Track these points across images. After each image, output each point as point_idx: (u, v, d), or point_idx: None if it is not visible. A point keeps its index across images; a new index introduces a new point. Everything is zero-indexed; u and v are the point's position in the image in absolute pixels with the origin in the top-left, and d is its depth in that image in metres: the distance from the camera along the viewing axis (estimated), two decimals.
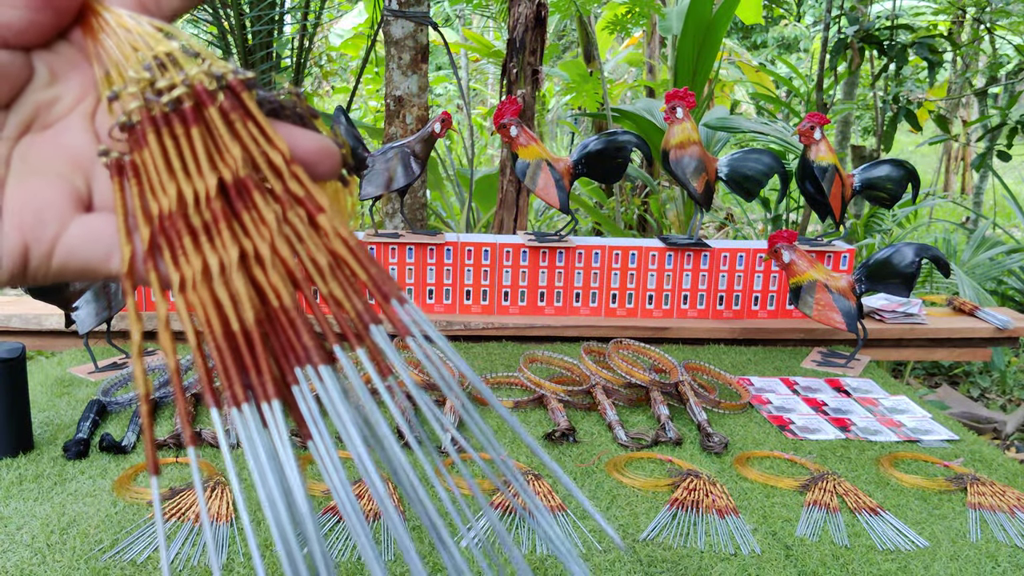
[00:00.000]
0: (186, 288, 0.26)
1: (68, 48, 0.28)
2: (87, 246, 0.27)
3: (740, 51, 6.06)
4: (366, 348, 0.26)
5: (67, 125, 0.28)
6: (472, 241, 1.78)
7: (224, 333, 0.25)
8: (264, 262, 0.26)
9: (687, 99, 1.75)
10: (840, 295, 1.57)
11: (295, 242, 0.26)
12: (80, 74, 0.28)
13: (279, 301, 0.26)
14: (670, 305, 1.83)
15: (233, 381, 0.25)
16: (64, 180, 0.27)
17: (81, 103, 0.28)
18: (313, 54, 4.26)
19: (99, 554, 0.92)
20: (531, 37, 2.47)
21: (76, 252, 0.27)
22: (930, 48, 3.09)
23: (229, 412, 0.25)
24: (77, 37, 0.29)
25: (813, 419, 1.37)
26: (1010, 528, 1.04)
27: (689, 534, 1.00)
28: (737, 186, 1.78)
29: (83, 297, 1.40)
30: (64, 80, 0.28)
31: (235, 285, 0.25)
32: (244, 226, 0.26)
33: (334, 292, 0.26)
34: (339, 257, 0.27)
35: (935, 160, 6.02)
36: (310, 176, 0.27)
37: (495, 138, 5.48)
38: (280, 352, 0.26)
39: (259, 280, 0.26)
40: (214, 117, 0.27)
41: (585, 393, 1.41)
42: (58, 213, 0.27)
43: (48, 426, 1.25)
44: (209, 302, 0.25)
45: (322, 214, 0.26)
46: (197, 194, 0.26)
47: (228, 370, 0.25)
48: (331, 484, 0.25)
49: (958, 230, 3.88)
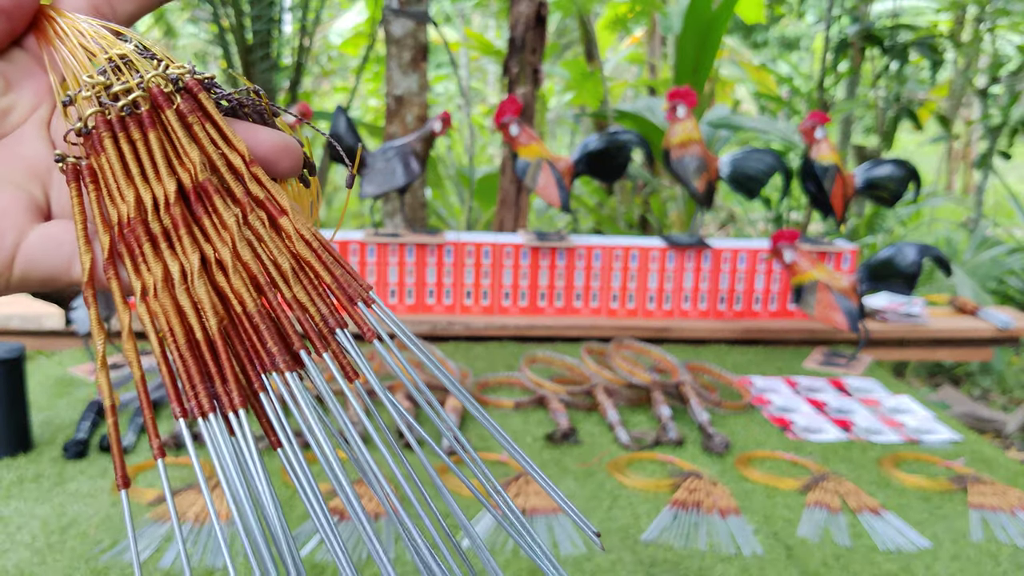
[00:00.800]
0: (148, 295, 0.25)
1: (22, 55, 0.28)
2: (48, 255, 0.26)
3: (741, 50, 6.06)
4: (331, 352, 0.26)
5: (22, 134, 0.28)
6: (472, 241, 1.77)
7: (187, 341, 0.25)
8: (226, 267, 0.25)
9: (689, 98, 1.75)
10: (842, 295, 1.57)
11: (256, 245, 0.26)
12: (35, 81, 0.28)
13: (242, 307, 0.25)
14: (671, 305, 1.82)
15: (198, 391, 0.25)
16: (20, 189, 0.27)
17: (36, 111, 0.28)
18: (313, 53, 4.26)
19: (99, 554, 0.92)
20: (532, 36, 2.47)
21: (37, 261, 0.26)
22: (931, 47, 3.09)
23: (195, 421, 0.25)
24: (31, 44, 0.28)
25: (815, 419, 1.37)
26: (1011, 528, 1.03)
27: (690, 535, 1.00)
28: (739, 185, 1.78)
29: (82, 297, 1.40)
30: (18, 88, 0.28)
31: (197, 292, 0.25)
32: (205, 231, 0.26)
33: (298, 296, 0.26)
34: (302, 260, 0.26)
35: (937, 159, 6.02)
36: (271, 174, 0.27)
37: (495, 137, 5.48)
38: (245, 358, 0.25)
39: (221, 286, 0.25)
40: (171, 120, 0.26)
41: (586, 393, 1.41)
42: (14, 222, 0.26)
43: (47, 426, 1.25)
44: (171, 309, 0.25)
45: (284, 216, 0.26)
46: (156, 200, 0.26)
47: (192, 379, 0.25)
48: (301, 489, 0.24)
49: (960, 230, 3.87)
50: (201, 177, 0.26)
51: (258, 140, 0.27)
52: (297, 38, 3.16)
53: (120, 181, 0.26)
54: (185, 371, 0.25)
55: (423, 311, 1.78)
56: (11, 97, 0.28)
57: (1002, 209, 5.25)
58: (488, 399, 1.39)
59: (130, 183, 0.26)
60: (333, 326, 0.26)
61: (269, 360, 0.25)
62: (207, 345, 0.25)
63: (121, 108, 0.26)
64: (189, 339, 0.25)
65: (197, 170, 0.26)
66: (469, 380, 1.46)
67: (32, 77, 0.28)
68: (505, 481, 1.08)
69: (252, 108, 0.28)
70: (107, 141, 0.26)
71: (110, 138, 0.26)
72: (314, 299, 0.26)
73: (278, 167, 0.27)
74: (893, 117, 3.32)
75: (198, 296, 0.25)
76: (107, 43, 0.27)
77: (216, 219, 0.26)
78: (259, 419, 0.25)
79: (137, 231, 0.25)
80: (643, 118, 3.10)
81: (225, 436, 0.24)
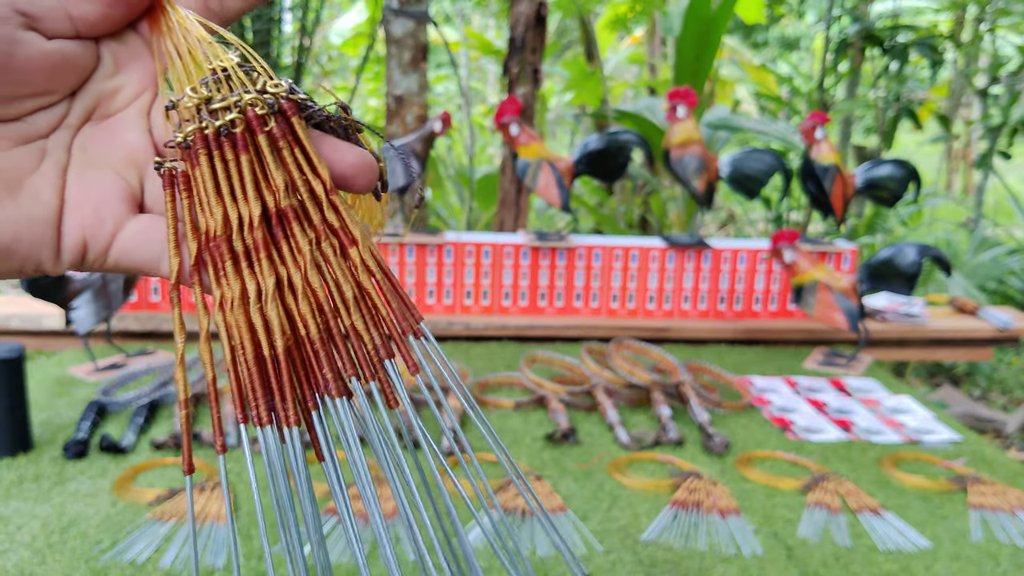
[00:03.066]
0: (224, 308, 0.27)
1: (134, 38, 0.29)
2: (140, 249, 0.28)
3: (741, 50, 6.06)
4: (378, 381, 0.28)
5: (125, 119, 0.29)
6: (472, 240, 1.77)
7: (255, 356, 0.27)
8: (296, 291, 0.27)
9: (689, 98, 1.75)
10: (842, 295, 1.57)
11: (325, 271, 0.28)
12: (142, 67, 0.29)
13: (306, 330, 0.27)
14: (671, 305, 1.82)
15: (260, 404, 0.27)
16: (119, 177, 0.28)
17: (140, 97, 0.29)
18: (313, 53, 4.26)
19: (99, 554, 0.92)
20: (532, 36, 2.47)
21: (130, 253, 0.28)
22: (931, 47, 3.09)
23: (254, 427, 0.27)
24: (143, 28, 0.29)
25: (815, 419, 1.37)
26: (1011, 528, 1.03)
27: (690, 535, 1.00)
28: (739, 185, 1.78)
29: (82, 297, 1.40)
30: (126, 70, 0.29)
31: (269, 313, 0.27)
32: (281, 254, 0.28)
33: (356, 324, 0.28)
34: (364, 290, 0.28)
35: (937, 159, 6.02)
36: (348, 190, 0.29)
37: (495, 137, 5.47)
38: (303, 378, 0.28)
39: (290, 308, 0.27)
40: (263, 144, 0.27)
41: (586, 393, 1.41)
42: (115, 211, 0.28)
43: (47, 426, 1.25)
44: (244, 326, 0.27)
45: (354, 247, 0.28)
46: (241, 220, 0.27)
47: (256, 392, 0.27)
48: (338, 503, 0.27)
49: (960, 230, 3.87)
50: (284, 203, 0.27)
51: (340, 158, 0.28)
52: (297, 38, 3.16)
53: (210, 196, 0.27)
54: (250, 383, 0.27)
55: (423, 311, 1.77)
56: (119, 79, 0.29)
57: (1002, 209, 5.24)
58: (488, 399, 1.39)
59: (219, 200, 0.27)
60: (383, 357, 0.28)
61: (323, 384, 0.27)
62: (272, 362, 0.27)
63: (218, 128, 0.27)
64: (257, 354, 0.27)
65: (280, 196, 0.27)
66: (469, 380, 1.46)
67: (140, 62, 0.29)
68: (506, 481, 1.08)
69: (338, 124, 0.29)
70: (202, 157, 0.27)
71: (205, 155, 0.27)
72: (369, 328, 0.28)
73: (355, 184, 0.29)
74: (893, 117, 3.32)
75: (269, 316, 0.27)
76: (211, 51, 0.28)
77: (293, 243, 0.28)
78: (309, 432, 0.28)
79: (221, 248, 0.27)
80: (643, 118, 3.10)
81: (277, 444, 0.27)
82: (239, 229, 0.27)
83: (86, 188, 0.28)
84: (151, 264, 0.28)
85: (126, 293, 1.46)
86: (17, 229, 0.26)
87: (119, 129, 0.29)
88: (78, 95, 0.28)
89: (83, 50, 0.27)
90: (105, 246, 0.28)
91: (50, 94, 0.27)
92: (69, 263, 0.28)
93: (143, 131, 0.29)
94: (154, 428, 1.26)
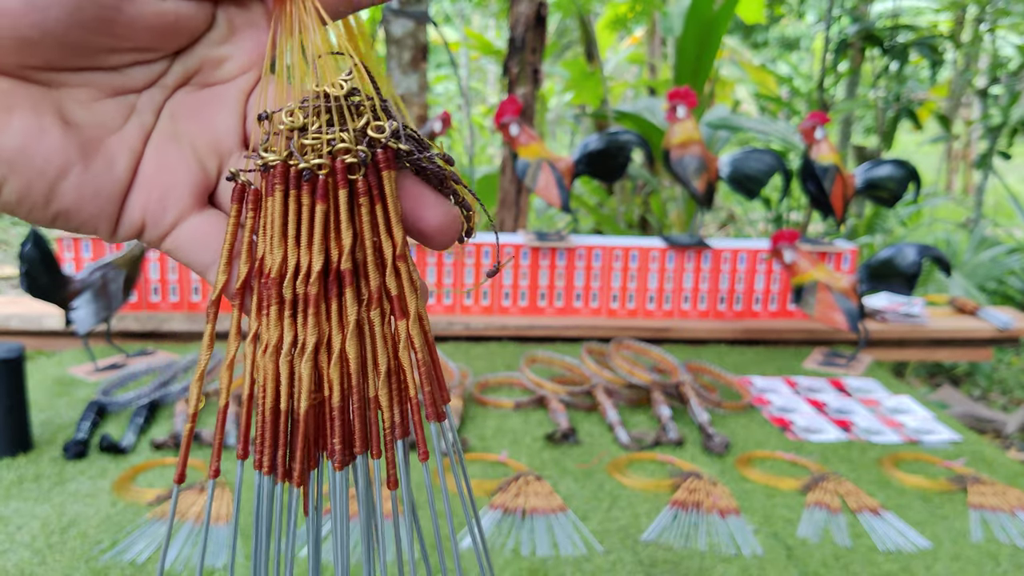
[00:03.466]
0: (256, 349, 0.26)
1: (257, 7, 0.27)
2: (194, 250, 0.27)
3: (741, 50, 6.06)
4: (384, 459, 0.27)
5: (222, 95, 0.27)
6: (472, 240, 1.77)
7: (272, 408, 0.26)
8: (332, 354, 0.26)
9: (689, 98, 1.75)
10: (842, 295, 1.57)
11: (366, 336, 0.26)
12: (255, 39, 0.27)
13: (329, 393, 0.26)
14: (671, 305, 1.82)
15: (265, 453, 0.26)
16: (197, 162, 0.27)
17: (244, 75, 0.27)
18: None
19: (99, 554, 0.92)
20: (532, 36, 2.47)
21: (182, 249, 0.27)
22: (931, 47, 3.09)
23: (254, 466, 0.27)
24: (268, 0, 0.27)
25: (815, 419, 1.37)
26: (1011, 528, 1.03)
27: (690, 535, 1.00)
28: (739, 185, 1.77)
29: (82, 297, 1.40)
30: (238, 40, 0.27)
31: (302, 370, 0.26)
32: (329, 312, 0.26)
33: (380, 398, 0.27)
34: (400, 364, 0.27)
35: (937, 159, 6.02)
36: (424, 244, 0.27)
37: (495, 137, 5.47)
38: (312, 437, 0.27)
39: (321, 368, 0.26)
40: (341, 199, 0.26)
41: (586, 393, 1.41)
42: (181, 202, 0.27)
43: (47, 426, 1.25)
44: (271, 375, 0.26)
45: (404, 321, 0.26)
46: (299, 268, 0.26)
47: (265, 441, 0.26)
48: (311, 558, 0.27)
49: (959, 230, 3.87)
50: (344, 266, 0.26)
51: (426, 215, 0.27)
52: None
53: (275, 233, 0.26)
54: (261, 431, 0.26)
55: None
56: (228, 49, 0.27)
57: (1002, 209, 5.24)
58: (488, 399, 1.39)
59: (282, 241, 0.26)
60: (396, 436, 0.27)
61: (329, 450, 0.26)
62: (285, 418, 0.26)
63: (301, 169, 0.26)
64: (275, 406, 0.26)
65: (344, 258, 0.26)
66: (469, 380, 1.46)
67: (255, 33, 0.27)
68: (505, 481, 1.08)
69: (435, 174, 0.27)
70: (277, 192, 0.26)
71: (281, 191, 0.26)
72: (392, 405, 0.27)
73: (433, 243, 0.27)
74: (893, 117, 3.32)
75: (301, 374, 0.26)
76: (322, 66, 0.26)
77: (341, 305, 0.26)
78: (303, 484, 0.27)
79: (271, 291, 0.26)
80: (643, 118, 3.10)
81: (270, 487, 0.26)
82: (293, 277, 0.26)
83: (161, 167, 0.26)
84: (200, 268, 0.27)
85: (126, 293, 1.46)
86: (81, 198, 0.25)
87: (214, 105, 0.27)
88: (181, 56, 0.26)
89: (198, 11, 0.25)
90: (162, 234, 0.27)
91: (153, 51, 0.25)
92: (123, 238, 0.27)
93: (237, 115, 0.27)
94: (154, 428, 1.26)
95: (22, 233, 4.25)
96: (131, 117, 0.26)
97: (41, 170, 0.24)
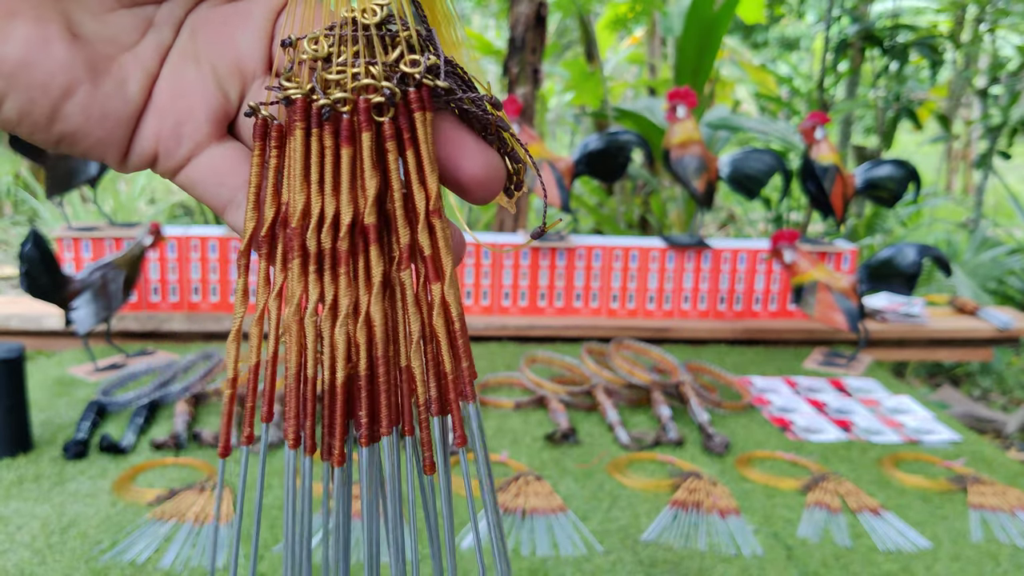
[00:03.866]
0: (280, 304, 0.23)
1: None
2: (211, 186, 0.24)
3: (741, 50, 6.06)
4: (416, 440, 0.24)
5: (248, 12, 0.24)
6: (472, 241, 1.77)
7: (296, 374, 0.23)
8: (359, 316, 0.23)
9: (689, 98, 1.75)
10: (842, 295, 1.57)
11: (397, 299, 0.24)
12: None
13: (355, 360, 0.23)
14: (671, 305, 1.82)
15: (290, 423, 0.23)
16: (217, 86, 0.24)
17: None
18: None
19: (99, 554, 0.92)
20: (532, 36, 2.47)
21: (197, 184, 0.25)
22: (931, 47, 3.09)
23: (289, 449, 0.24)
24: None
25: (815, 419, 1.37)
26: (1011, 528, 1.03)
27: (690, 535, 1.00)
28: (739, 185, 1.77)
29: (82, 297, 1.40)
30: None
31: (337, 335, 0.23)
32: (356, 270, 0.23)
33: (412, 369, 0.24)
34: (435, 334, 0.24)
35: (937, 159, 6.02)
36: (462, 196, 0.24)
37: None
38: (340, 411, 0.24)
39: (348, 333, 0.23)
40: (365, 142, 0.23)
41: (586, 394, 1.41)
42: (197, 131, 0.24)
43: (47, 426, 1.25)
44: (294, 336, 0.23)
45: (438, 283, 0.23)
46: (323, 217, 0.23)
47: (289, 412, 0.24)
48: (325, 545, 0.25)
49: (960, 230, 3.87)
50: (369, 220, 0.23)
51: (465, 163, 0.23)
52: None
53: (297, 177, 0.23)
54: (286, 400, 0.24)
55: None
56: None
57: (1002, 209, 5.24)
58: (488, 399, 1.39)
59: (304, 187, 0.23)
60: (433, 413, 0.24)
61: (356, 427, 0.24)
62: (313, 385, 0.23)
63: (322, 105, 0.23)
64: (299, 373, 0.23)
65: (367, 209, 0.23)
66: None
67: None
68: (505, 481, 1.08)
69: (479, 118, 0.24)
70: (298, 131, 0.23)
71: (303, 130, 0.23)
72: (426, 379, 0.24)
73: (473, 196, 0.24)
74: (893, 117, 3.32)
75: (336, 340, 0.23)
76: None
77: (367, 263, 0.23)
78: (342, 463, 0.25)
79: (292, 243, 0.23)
80: (643, 118, 3.10)
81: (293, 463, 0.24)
82: (317, 228, 0.23)
83: (177, 91, 0.24)
84: (217, 206, 0.25)
85: (126, 293, 1.46)
86: (88, 120, 0.23)
87: (238, 23, 0.24)
88: None
89: None
90: (177, 166, 0.24)
91: None
92: (133, 168, 0.24)
93: (263, 36, 0.24)
94: (154, 428, 1.26)
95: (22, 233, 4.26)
96: (148, 32, 0.23)
97: (44, 86, 0.22)
